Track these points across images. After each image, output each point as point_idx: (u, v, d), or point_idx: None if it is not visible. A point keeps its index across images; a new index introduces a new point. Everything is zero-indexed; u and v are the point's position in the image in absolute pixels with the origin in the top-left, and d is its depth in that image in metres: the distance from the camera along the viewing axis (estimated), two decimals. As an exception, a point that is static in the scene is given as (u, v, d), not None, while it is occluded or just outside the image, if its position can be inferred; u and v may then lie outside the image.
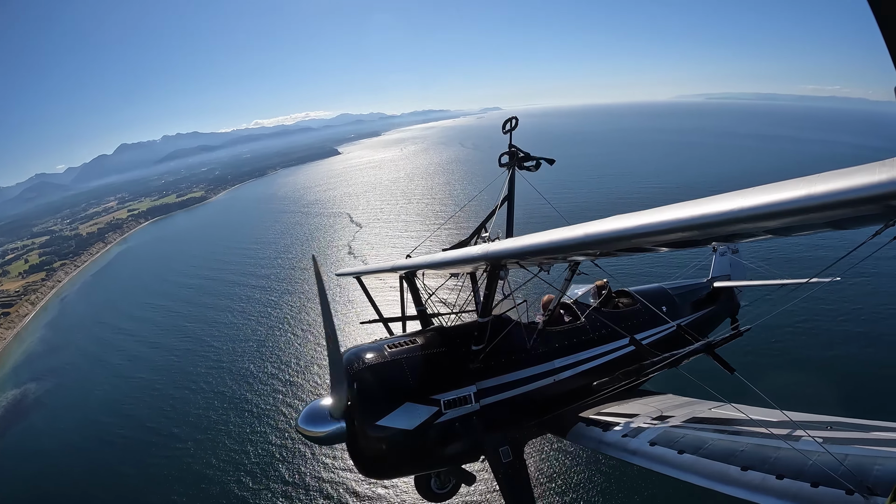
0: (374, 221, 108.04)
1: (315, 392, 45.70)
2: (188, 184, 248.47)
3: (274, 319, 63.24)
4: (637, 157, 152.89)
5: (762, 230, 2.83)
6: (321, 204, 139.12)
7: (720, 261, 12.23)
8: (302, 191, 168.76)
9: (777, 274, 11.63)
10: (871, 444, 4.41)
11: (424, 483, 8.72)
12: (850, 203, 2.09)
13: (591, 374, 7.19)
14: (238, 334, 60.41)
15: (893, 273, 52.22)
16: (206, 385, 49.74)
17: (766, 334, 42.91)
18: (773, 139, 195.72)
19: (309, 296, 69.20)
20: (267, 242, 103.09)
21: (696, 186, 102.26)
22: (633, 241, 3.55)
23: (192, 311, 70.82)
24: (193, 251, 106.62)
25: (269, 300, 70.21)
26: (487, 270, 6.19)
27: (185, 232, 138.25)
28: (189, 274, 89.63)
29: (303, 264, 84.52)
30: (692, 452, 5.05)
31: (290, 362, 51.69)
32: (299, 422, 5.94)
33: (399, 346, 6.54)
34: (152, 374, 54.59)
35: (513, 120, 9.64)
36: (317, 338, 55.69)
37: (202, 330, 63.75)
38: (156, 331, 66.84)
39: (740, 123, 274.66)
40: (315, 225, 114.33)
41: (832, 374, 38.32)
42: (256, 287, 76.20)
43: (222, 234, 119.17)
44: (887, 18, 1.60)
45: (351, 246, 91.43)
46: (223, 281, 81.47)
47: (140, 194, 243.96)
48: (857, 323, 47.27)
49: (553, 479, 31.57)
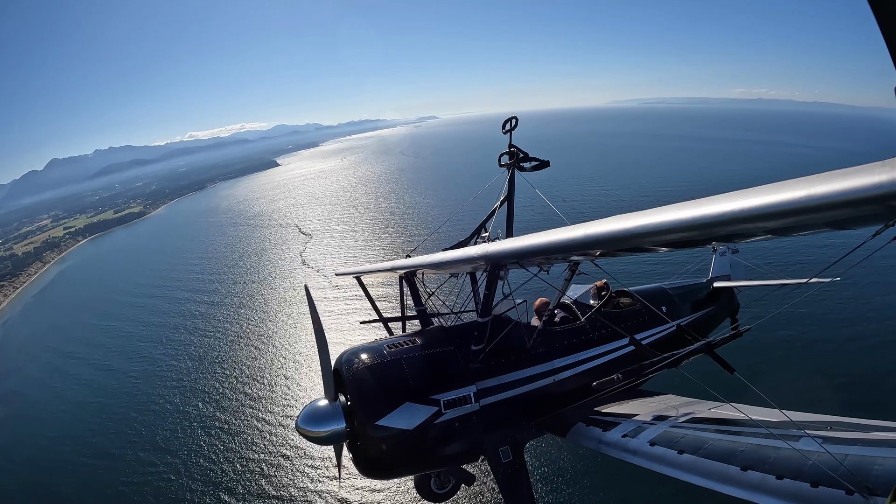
0: (324, 232, 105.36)
1: (286, 404, 44.56)
2: (125, 199, 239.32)
3: (232, 334, 61.00)
4: (568, 159, 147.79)
5: (762, 230, 2.83)
6: (267, 216, 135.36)
7: (720, 261, 12.23)
8: (245, 203, 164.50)
9: (777, 274, 11.64)
10: (871, 444, 4.41)
11: (424, 483, 8.72)
12: (850, 203, 2.09)
13: (591, 374, 7.19)
14: (196, 352, 57.76)
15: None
16: (170, 406, 47.49)
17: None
18: (704, 140, 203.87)
19: (267, 307, 67.39)
20: (215, 257, 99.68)
21: (636, 186, 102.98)
22: (633, 242, 3.56)
23: (145, 331, 67.38)
24: (138, 268, 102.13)
25: (225, 315, 67.54)
26: (487, 270, 6.19)
27: (127, 249, 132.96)
28: (136, 293, 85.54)
29: (255, 277, 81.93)
30: (692, 452, 5.05)
31: (256, 376, 50.06)
32: (299, 422, 5.94)
33: (399, 346, 6.53)
34: (110, 398, 51.47)
35: (512, 120, 9.64)
36: (280, 350, 54.22)
37: (157, 350, 60.64)
38: (108, 353, 62.92)
39: (672, 126, 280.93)
40: (263, 237, 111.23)
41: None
42: (209, 303, 73.17)
43: (166, 249, 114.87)
44: (887, 18, 1.60)
45: (303, 256, 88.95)
46: (173, 298, 78.14)
47: (75, 211, 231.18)
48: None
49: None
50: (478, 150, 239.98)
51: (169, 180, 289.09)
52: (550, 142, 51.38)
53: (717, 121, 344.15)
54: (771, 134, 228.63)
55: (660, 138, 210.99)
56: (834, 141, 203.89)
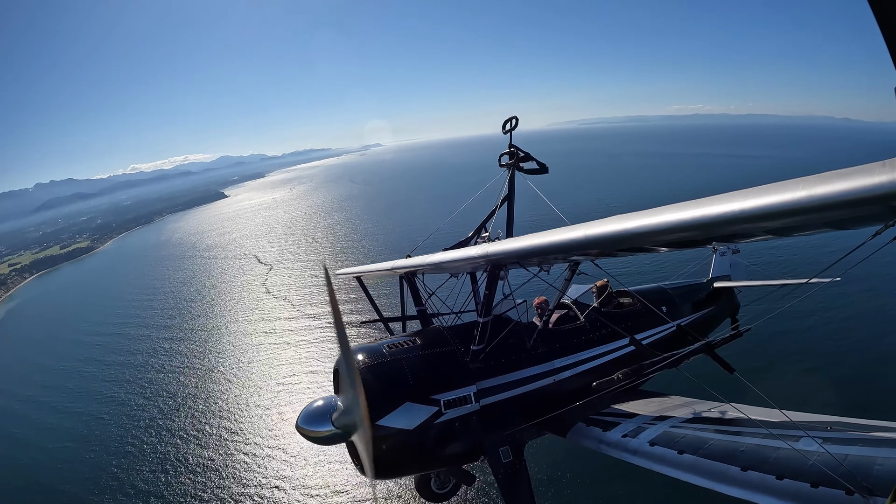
0: (284, 261, 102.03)
1: (269, 434, 42.84)
2: (70, 234, 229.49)
3: (202, 368, 58.20)
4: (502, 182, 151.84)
5: (762, 230, 2.83)
6: (222, 248, 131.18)
7: (720, 261, 12.23)
8: (197, 236, 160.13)
9: (777, 274, 11.64)
10: (871, 444, 4.41)
11: (425, 483, 8.72)
12: (850, 204, 2.09)
13: (591, 374, 7.18)
14: (166, 389, 54.73)
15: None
16: (147, 447, 44.50)
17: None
18: (646, 155, 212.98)
19: (235, 339, 64.65)
20: (172, 291, 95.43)
21: (584, 206, 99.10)
22: (633, 242, 3.55)
23: (108, 371, 63.29)
24: (92, 306, 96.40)
25: (192, 349, 64.22)
26: (487, 270, 6.19)
27: (78, 285, 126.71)
28: (92, 331, 79.20)
29: (219, 309, 78.45)
30: (692, 452, 5.05)
31: (233, 409, 47.97)
32: (299, 422, 5.92)
33: (399, 346, 6.53)
34: (80, 443, 47.79)
35: (513, 120, 9.63)
36: (254, 380, 52.21)
37: (124, 390, 56.92)
38: (71, 396, 58.77)
39: (614, 144, 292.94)
40: (221, 269, 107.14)
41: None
42: (173, 338, 69.41)
43: (120, 285, 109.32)
44: (887, 18, 1.60)
45: (266, 286, 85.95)
46: (133, 336, 73.78)
47: (18, 247, 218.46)
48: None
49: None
50: (427, 174, 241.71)
51: (114, 214, 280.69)
52: (490, 169, 48.93)
53: (656, 137, 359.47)
54: (709, 147, 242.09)
55: (602, 155, 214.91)
56: (769, 150, 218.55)
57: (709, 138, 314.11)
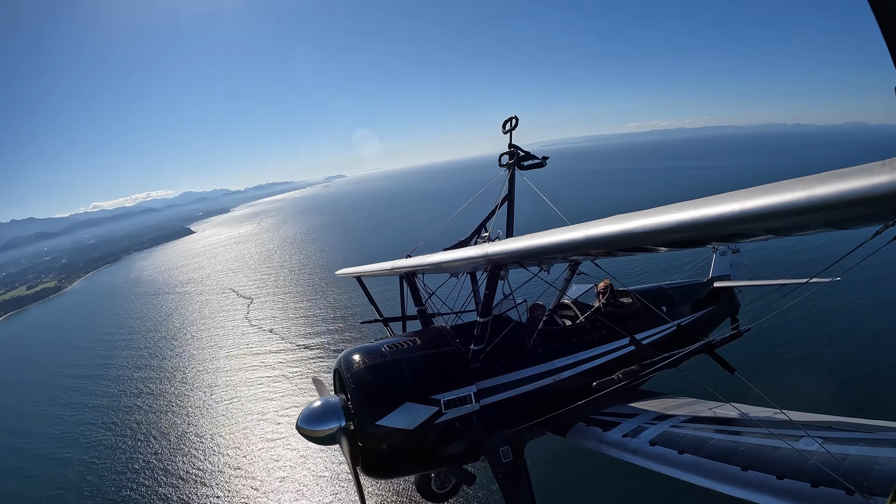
0: (263, 294, 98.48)
1: (277, 466, 40.94)
2: (35, 274, 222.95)
3: (192, 407, 55.12)
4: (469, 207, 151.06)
5: (762, 230, 2.83)
6: (197, 283, 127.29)
7: (720, 261, 12.23)
8: (168, 272, 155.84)
9: (777, 274, 11.64)
10: (871, 444, 4.42)
11: (425, 483, 8.73)
12: (850, 203, 2.09)
13: (591, 373, 7.18)
14: (156, 430, 51.58)
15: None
16: (146, 489, 42.27)
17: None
18: (606, 173, 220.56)
19: (226, 373, 61.26)
20: (149, 329, 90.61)
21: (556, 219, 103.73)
22: (633, 242, 3.55)
23: (90, 415, 59.46)
24: (65, 348, 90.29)
25: (179, 389, 60.75)
26: (487, 270, 6.19)
27: (49, 326, 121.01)
28: (69, 374, 75.46)
29: (203, 344, 74.90)
30: (693, 452, 5.06)
31: (233, 445, 45.66)
32: (299, 422, 5.93)
33: (399, 346, 6.54)
34: (69, 491, 45.21)
35: (513, 120, 9.64)
36: (256, 414, 49.68)
37: (111, 432, 53.51)
38: (56, 442, 54.79)
39: (573, 163, 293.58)
40: (199, 304, 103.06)
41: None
42: (157, 378, 65.49)
43: (93, 325, 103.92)
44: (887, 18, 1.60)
45: (249, 319, 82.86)
46: (113, 378, 69.04)
47: None
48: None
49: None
50: (394, 201, 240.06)
51: (79, 253, 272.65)
52: (456, 194, 45.58)
53: (613, 154, 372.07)
54: (665, 160, 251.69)
55: (559, 176, 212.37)
56: (724, 160, 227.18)
57: (665, 153, 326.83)
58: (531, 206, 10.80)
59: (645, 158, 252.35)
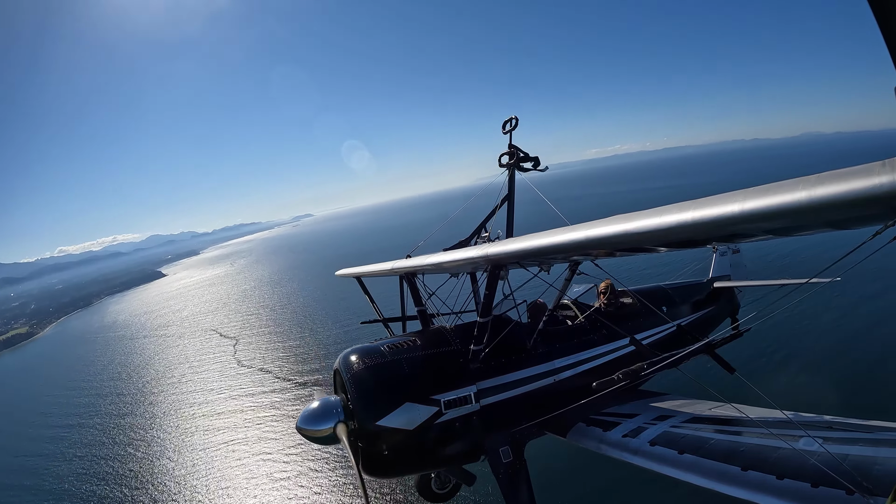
0: (248, 334, 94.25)
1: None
2: (4, 320, 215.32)
3: (190, 449, 52.00)
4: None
5: (762, 230, 2.83)
6: (176, 325, 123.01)
7: (720, 261, 12.23)
8: (145, 316, 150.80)
9: (777, 274, 11.65)
10: (871, 444, 4.42)
11: (425, 483, 8.73)
12: (850, 203, 2.09)
13: (591, 374, 7.17)
14: (156, 479, 48.35)
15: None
16: None
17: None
18: (572, 199, 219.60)
19: (227, 417, 57.14)
20: (131, 374, 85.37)
21: None
22: (633, 242, 3.55)
23: (77, 467, 55.24)
24: (42, 396, 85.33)
25: (169, 435, 56.65)
26: (488, 271, 6.19)
27: (23, 374, 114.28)
28: (48, 424, 70.26)
29: (191, 388, 70.25)
30: (693, 452, 5.06)
31: (254, 484, 42.89)
32: (299, 422, 5.93)
33: (399, 346, 6.53)
34: None
35: (513, 120, 9.65)
36: (266, 454, 46.73)
37: (110, 486, 49.81)
38: (44, 496, 50.64)
39: (536, 193, 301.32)
40: (182, 346, 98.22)
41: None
42: (146, 425, 60.50)
43: (70, 372, 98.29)
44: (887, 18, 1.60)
45: (237, 358, 78.83)
46: (99, 427, 63.98)
47: None
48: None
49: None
50: (368, 237, 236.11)
51: (48, 298, 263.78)
52: (423, 229, 43.43)
53: (577, 181, 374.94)
54: (630, 183, 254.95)
55: (528, 204, 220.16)
56: (687, 178, 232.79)
57: (627, 176, 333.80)
58: (531, 207, 10.80)
59: (607, 183, 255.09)
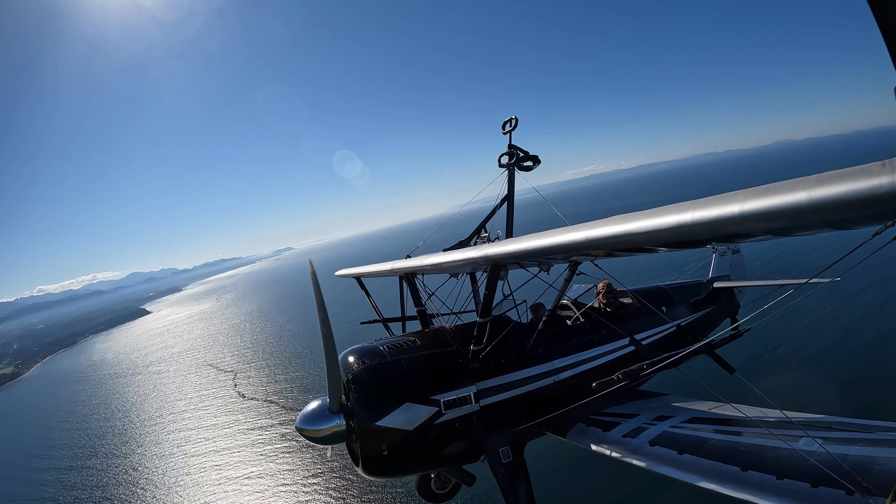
0: (246, 367, 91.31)
1: None
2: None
3: (208, 484, 50.28)
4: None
5: (762, 231, 2.83)
6: (168, 361, 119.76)
7: (720, 261, 12.22)
8: (134, 353, 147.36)
9: (777, 274, 11.64)
10: (871, 444, 4.41)
11: (425, 483, 8.72)
12: (850, 204, 2.09)
13: (591, 374, 7.18)
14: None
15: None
16: None
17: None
18: (542, 223, 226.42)
19: (239, 452, 54.58)
20: (127, 413, 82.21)
21: None
22: (633, 242, 3.56)
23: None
24: (32, 439, 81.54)
25: (182, 472, 54.47)
26: (487, 271, 6.19)
27: (11, 415, 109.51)
28: (41, 467, 67.04)
29: (192, 424, 67.37)
30: (692, 452, 5.05)
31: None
32: (298, 423, 5.94)
33: (398, 346, 6.54)
34: None
35: (512, 120, 9.65)
36: (287, 487, 44.84)
37: None
38: None
39: (519, 216, 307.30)
40: (178, 382, 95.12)
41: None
42: (151, 466, 58.08)
43: (61, 412, 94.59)
44: (887, 18, 1.60)
45: (238, 391, 76.39)
46: (96, 469, 61.08)
47: None
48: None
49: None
50: (355, 265, 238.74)
51: (31, 338, 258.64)
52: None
53: (554, 203, 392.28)
54: (605, 202, 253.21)
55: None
56: (666, 193, 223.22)
57: (603, 195, 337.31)
58: (531, 207, 10.81)
59: (584, 203, 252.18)
